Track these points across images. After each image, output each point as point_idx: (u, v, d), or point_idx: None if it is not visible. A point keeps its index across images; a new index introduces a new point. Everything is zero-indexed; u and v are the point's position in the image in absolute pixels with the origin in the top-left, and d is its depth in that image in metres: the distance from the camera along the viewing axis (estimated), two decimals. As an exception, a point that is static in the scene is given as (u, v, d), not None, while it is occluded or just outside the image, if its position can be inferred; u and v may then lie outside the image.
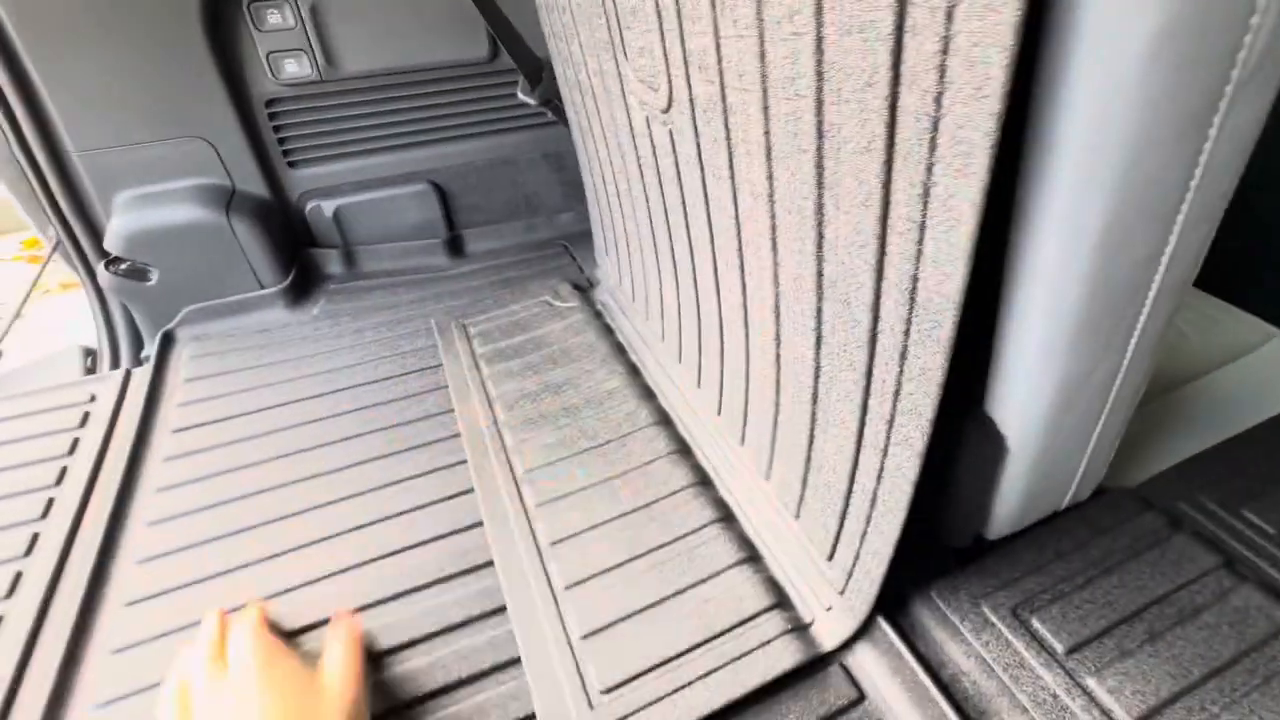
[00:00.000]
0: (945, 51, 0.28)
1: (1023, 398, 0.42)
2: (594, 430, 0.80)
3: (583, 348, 0.94)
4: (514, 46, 0.93)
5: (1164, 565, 0.55)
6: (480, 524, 0.70)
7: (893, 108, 0.32)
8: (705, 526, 0.66)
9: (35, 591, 0.64)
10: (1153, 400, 0.73)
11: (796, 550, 0.62)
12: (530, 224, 1.26)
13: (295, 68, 0.96)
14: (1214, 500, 0.61)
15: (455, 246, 1.21)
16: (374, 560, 0.67)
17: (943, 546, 0.59)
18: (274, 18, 0.92)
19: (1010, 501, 0.51)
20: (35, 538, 0.70)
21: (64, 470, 0.78)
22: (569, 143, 1.14)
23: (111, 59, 0.85)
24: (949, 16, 0.27)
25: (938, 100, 0.29)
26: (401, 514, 0.71)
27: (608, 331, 0.98)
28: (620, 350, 0.94)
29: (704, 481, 0.72)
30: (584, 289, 1.09)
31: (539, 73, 0.98)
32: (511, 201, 1.23)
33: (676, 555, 0.64)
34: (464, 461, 0.78)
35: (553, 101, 0.98)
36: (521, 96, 0.98)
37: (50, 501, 0.74)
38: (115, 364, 1.03)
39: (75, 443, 0.82)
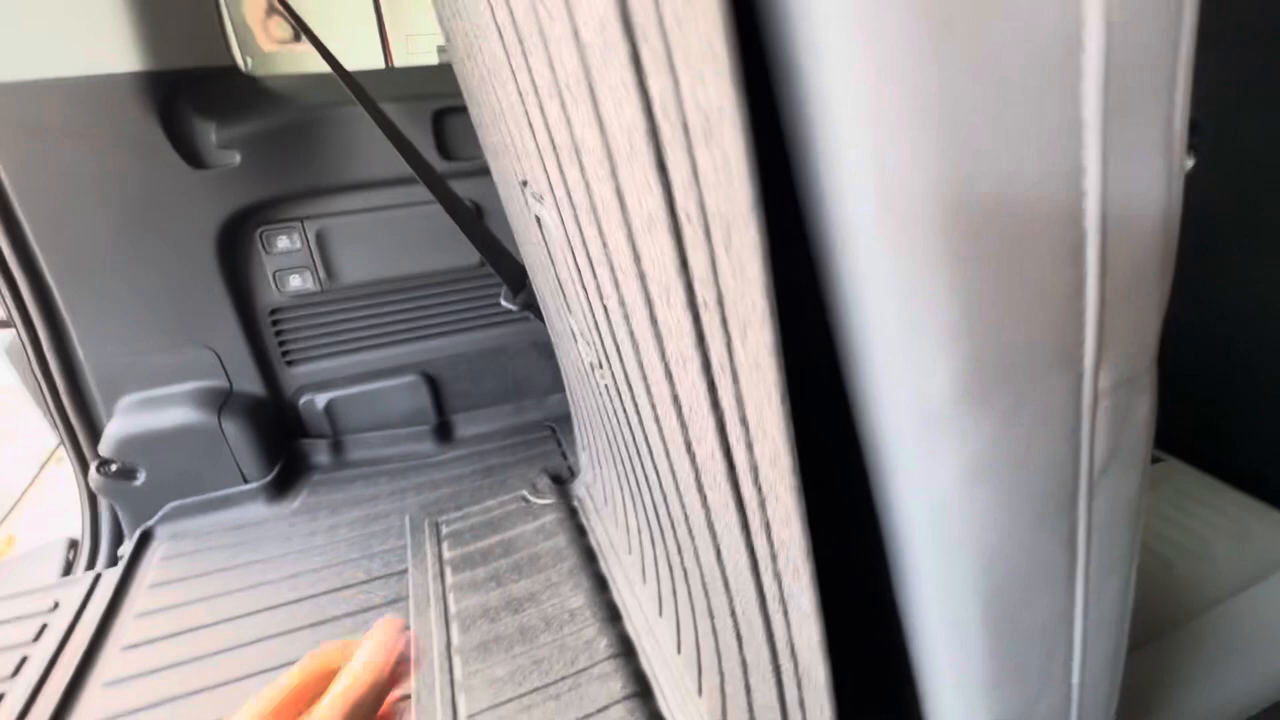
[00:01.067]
0: None
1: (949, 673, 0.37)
2: (549, 663, 0.74)
3: (552, 554, 0.91)
4: (496, 259, 1.00)
5: None
6: (410, 786, 0.63)
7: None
8: (653, 805, 0.59)
9: None
10: (1166, 634, 0.65)
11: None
12: (519, 406, 1.28)
13: (299, 282, 1.04)
14: None
15: (443, 432, 1.23)
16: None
17: None
18: (283, 242, 1.01)
19: None
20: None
21: (0, 696, 0.75)
22: (557, 333, 1.18)
23: (129, 280, 0.94)
24: None
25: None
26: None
27: (580, 534, 0.95)
28: (591, 558, 0.90)
29: (658, 735, 0.65)
30: (564, 480, 1.08)
31: (522, 280, 1.04)
32: (500, 386, 1.26)
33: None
34: (407, 696, 0.72)
35: (534, 305, 1.03)
36: (504, 304, 1.03)
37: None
38: (93, 561, 1.03)
39: (21, 661, 0.80)
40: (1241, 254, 0.90)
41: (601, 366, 0.59)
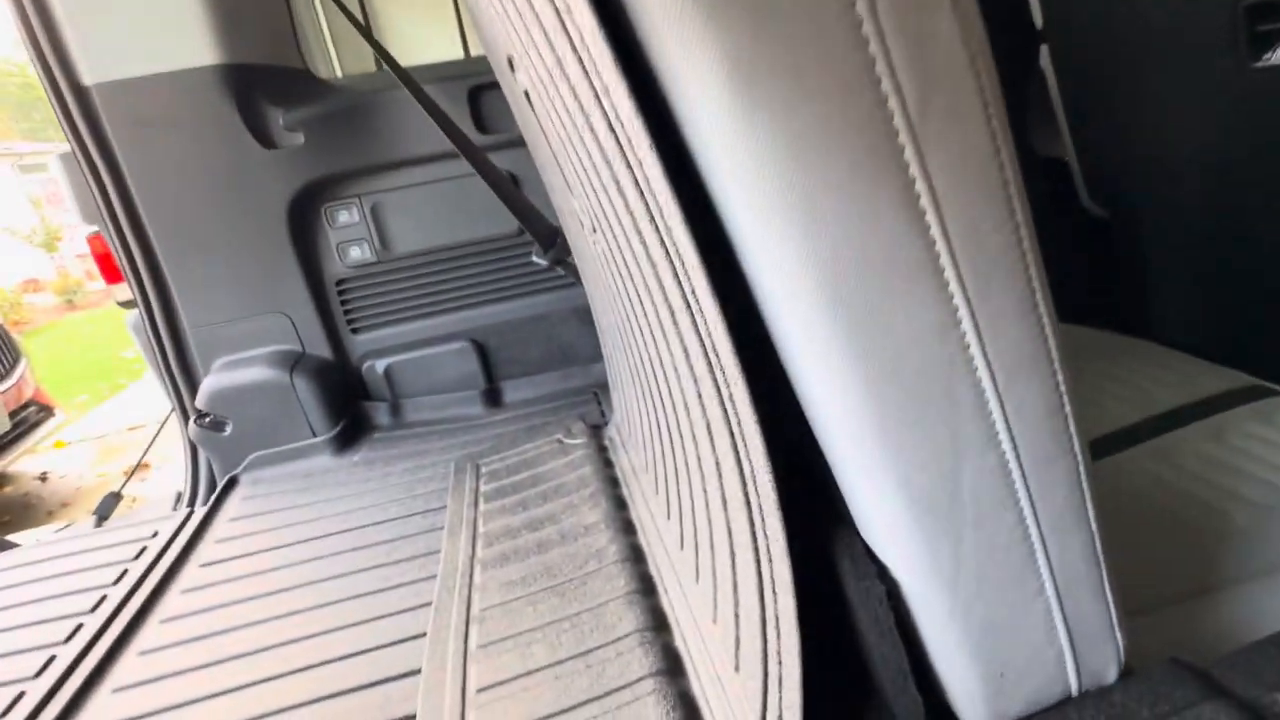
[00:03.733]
0: None
1: (875, 511, 0.34)
2: (559, 567, 0.75)
3: (577, 482, 0.92)
4: (527, 218, 1.06)
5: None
6: (418, 671, 0.65)
7: None
8: (641, 680, 0.57)
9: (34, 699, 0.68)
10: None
11: (736, 711, 0.51)
12: (566, 374, 1.32)
13: (358, 253, 1.16)
14: None
15: (492, 397, 1.29)
16: (309, 703, 0.64)
17: None
18: (343, 216, 1.14)
19: (964, 678, 0.39)
20: (51, 659, 0.76)
21: (103, 598, 0.87)
22: (597, 297, 1.22)
23: (221, 256, 1.09)
24: None
25: None
26: (347, 657, 0.69)
27: (607, 465, 0.96)
28: (614, 484, 0.91)
29: (657, 626, 0.63)
30: (598, 425, 1.09)
31: (553, 238, 1.09)
32: (547, 354, 1.31)
33: (603, 713, 0.55)
34: (428, 604, 0.76)
35: (564, 261, 1.08)
36: (535, 260, 1.09)
37: (78, 627, 0.81)
38: (192, 503, 1.16)
39: (123, 573, 0.92)
40: None
41: (595, 231, 0.61)
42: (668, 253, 0.30)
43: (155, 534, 1.01)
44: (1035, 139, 1.37)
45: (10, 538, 1.25)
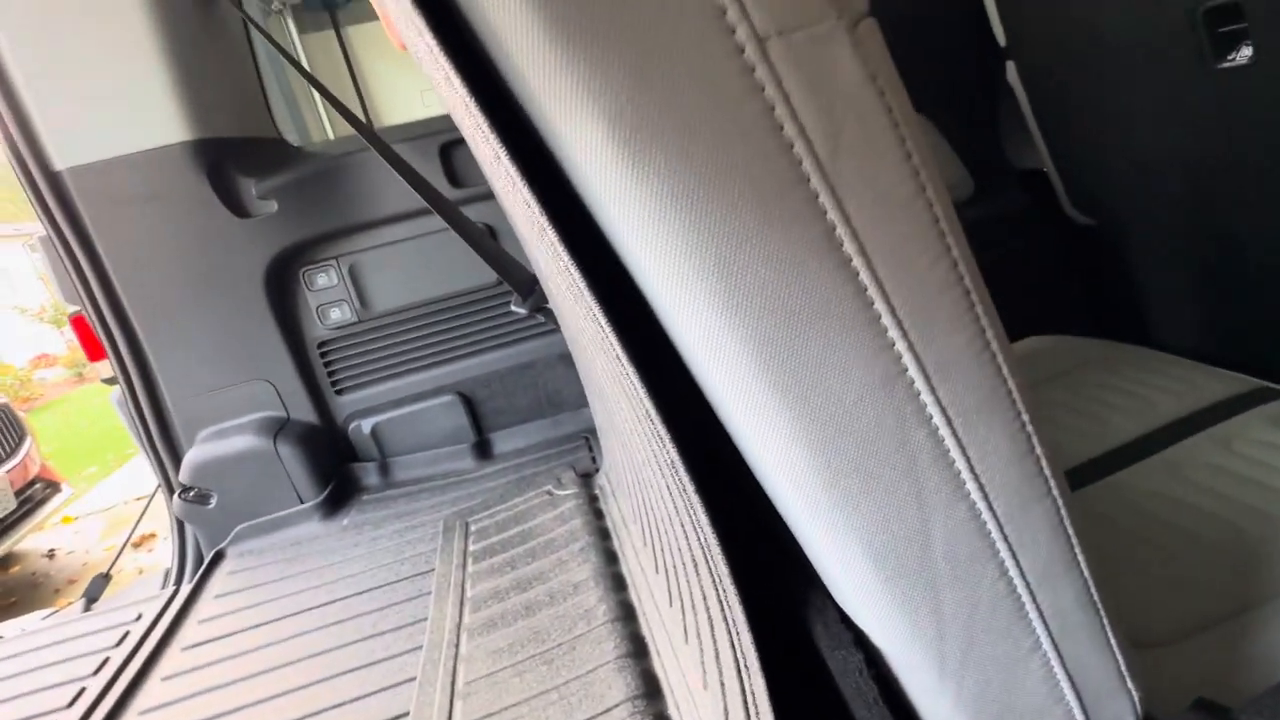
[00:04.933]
0: None
1: (842, 576, 0.32)
2: (547, 631, 0.71)
3: (566, 536, 0.89)
4: (504, 268, 1.06)
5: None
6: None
7: None
8: (630, 756, 0.53)
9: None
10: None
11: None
12: (555, 420, 1.30)
13: (338, 314, 1.16)
14: None
15: (482, 449, 1.27)
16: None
17: None
18: (322, 279, 1.14)
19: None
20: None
21: (81, 690, 0.83)
22: (580, 340, 1.21)
23: (200, 328, 1.09)
24: None
25: None
26: (328, 739, 0.66)
27: (598, 515, 0.93)
28: (604, 535, 0.87)
29: (649, 693, 0.60)
30: (589, 473, 1.06)
31: (531, 286, 1.08)
32: (535, 402, 1.29)
33: (590, 797, 0.51)
34: (412, 679, 0.72)
35: (543, 308, 1.07)
36: (514, 309, 1.08)
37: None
38: (179, 580, 1.13)
39: (103, 662, 0.89)
40: None
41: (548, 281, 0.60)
42: (595, 317, 0.29)
43: (139, 617, 0.98)
44: (1011, 153, 1.37)
45: (-3, 627, 1.22)
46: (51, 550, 3.47)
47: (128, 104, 0.96)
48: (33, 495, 2.92)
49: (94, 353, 1.18)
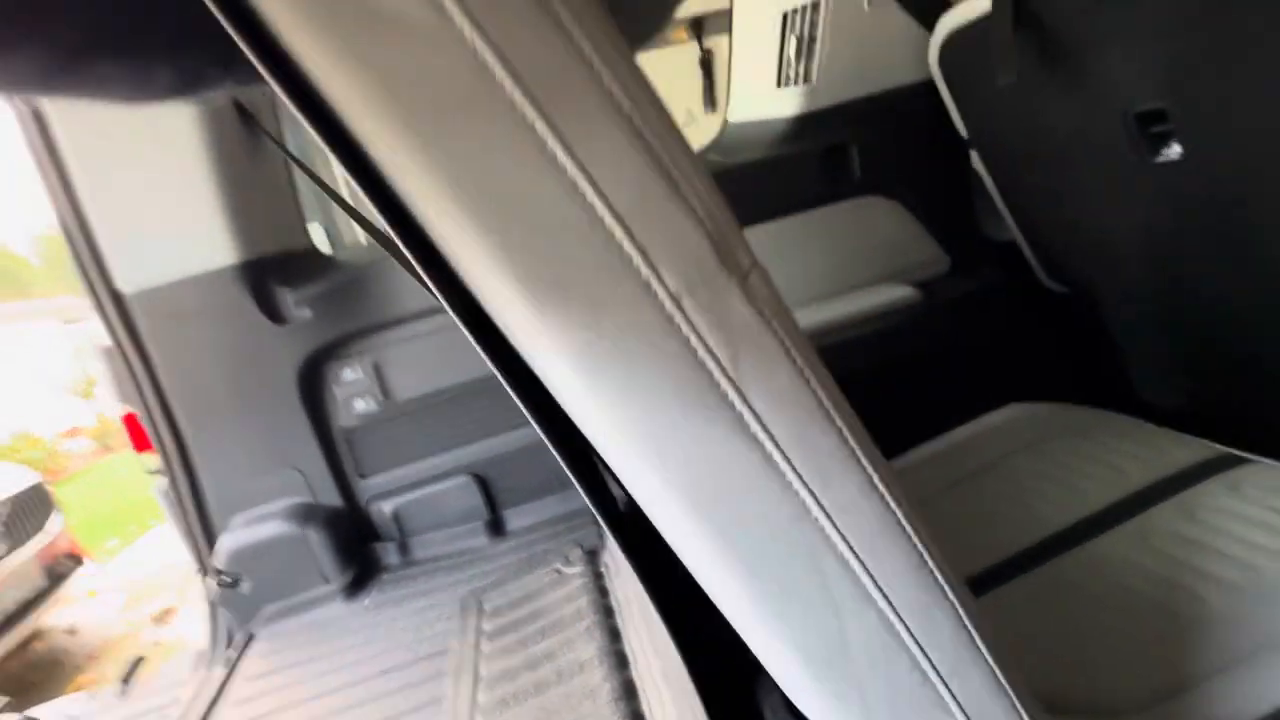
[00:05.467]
0: None
1: (780, 670, 0.39)
2: (556, 710, 0.77)
3: (573, 615, 0.95)
4: None
5: None
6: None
7: None
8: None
9: None
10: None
11: None
12: (564, 496, 1.37)
13: (363, 404, 1.26)
14: None
15: (496, 526, 1.34)
16: None
17: None
18: (348, 374, 1.25)
19: None
20: None
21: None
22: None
23: (239, 423, 1.19)
24: None
25: None
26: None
27: (603, 594, 0.99)
28: (609, 613, 0.94)
29: (647, 771, 0.65)
30: (595, 550, 1.13)
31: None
32: (545, 479, 1.37)
33: None
34: None
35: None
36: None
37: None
38: (213, 663, 1.20)
39: (144, 748, 0.95)
40: None
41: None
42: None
43: (175, 701, 1.05)
44: (987, 226, 1.47)
45: (32, 712, 1.27)
46: (73, 626, 3.51)
47: (184, 232, 1.10)
48: (59, 571, 2.98)
49: (141, 444, 1.29)
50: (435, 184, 0.28)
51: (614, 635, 0.89)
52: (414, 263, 0.32)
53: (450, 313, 0.33)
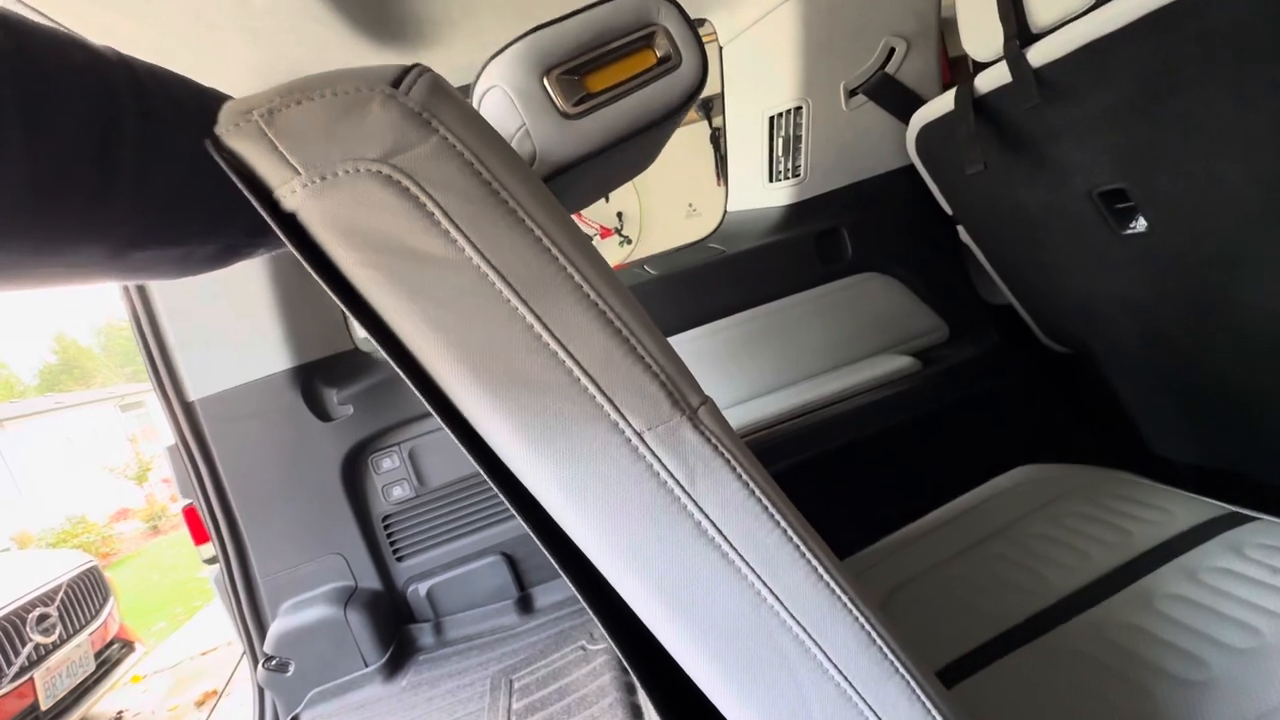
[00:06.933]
0: None
1: None
2: (579, 789, 0.81)
3: (597, 692, 1.00)
4: None
5: None
6: None
7: None
8: None
9: None
10: None
11: None
12: (589, 571, 1.43)
13: (400, 491, 1.36)
14: None
15: (525, 604, 1.40)
16: None
17: None
18: (386, 463, 1.35)
19: None
20: None
21: None
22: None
23: (288, 514, 1.30)
24: None
25: None
26: None
27: (624, 670, 1.03)
28: (630, 690, 0.98)
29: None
30: (618, 629, 1.18)
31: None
32: (570, 554, 1.43)
33: None
34: None
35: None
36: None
37: None
38: (260, 751, 1.26)
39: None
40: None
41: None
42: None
43: (227, 785, 1.10)
44: (984, 292, 1.53)
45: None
46: (120, 713, 3.57)
47: (244, 342, 1.24)
48: (110, 656, 3.06)
49: (199, 536, 1.40)
50: (454, 357, 0.38)
51: (635, 712, 0.93)
52: (417, 391, 0.40)
53: (450, 433, 0.42)
